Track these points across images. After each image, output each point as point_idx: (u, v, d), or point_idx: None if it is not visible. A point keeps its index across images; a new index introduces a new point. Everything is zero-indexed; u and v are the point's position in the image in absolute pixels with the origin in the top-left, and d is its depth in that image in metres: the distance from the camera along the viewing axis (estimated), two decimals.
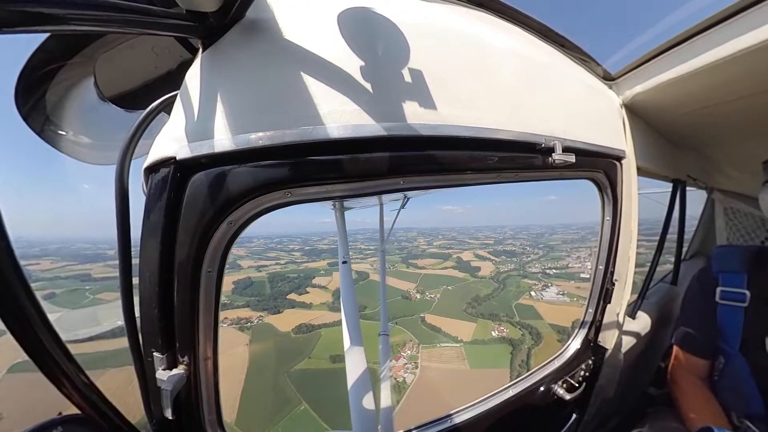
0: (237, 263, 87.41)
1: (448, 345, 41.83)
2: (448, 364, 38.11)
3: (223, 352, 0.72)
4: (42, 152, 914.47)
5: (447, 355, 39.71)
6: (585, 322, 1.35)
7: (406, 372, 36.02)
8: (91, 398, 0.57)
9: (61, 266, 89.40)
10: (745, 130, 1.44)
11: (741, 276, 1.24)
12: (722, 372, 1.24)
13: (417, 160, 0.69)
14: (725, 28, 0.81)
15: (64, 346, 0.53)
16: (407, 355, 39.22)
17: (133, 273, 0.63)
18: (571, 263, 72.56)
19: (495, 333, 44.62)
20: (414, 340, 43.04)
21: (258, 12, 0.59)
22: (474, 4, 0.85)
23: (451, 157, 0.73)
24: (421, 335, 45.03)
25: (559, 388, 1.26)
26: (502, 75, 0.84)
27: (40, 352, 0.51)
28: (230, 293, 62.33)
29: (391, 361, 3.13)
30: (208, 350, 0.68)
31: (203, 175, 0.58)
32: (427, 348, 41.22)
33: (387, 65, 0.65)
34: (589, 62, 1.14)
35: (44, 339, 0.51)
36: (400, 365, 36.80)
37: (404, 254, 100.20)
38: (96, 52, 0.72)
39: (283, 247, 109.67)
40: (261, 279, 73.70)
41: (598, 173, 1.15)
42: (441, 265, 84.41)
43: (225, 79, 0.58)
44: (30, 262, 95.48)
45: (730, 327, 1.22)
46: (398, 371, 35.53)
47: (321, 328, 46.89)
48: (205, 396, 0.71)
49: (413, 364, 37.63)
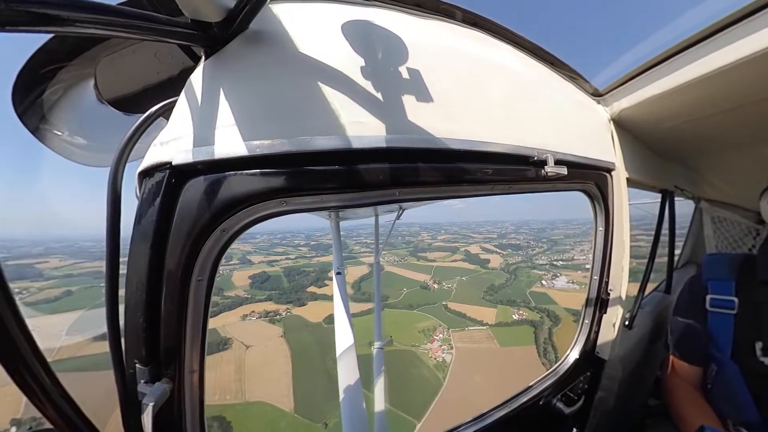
0: (247, 258, 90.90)
1: (475, 328, 47.04)
2: (479, 344, 43.36)
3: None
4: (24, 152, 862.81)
5: (476, 336, 45.04)
6: (582, 333, 1.34)
7: (444, 353, 40.12)
8: (66, 412, 0.54)
9: (70, 264, 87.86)
10: (726, 142, 1.51)
11: (729, 283, 1.27)
12: (715, 379, 1.24)
13: (413, 172, 0.70)
14: (704, 47, 0.87)
15: (41, 355, 0.50)
16: (440, 338, 43.56)
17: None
18: (575, 255, 79.73)
19: (516, 316, 50.00)
20: (443, 324, 47.67)
21: (261, 24, 0.61)
22: (468, 23, 0.89)
23: (446, 170, 0.75)
24: (448, 320, 49.67)
25: (559, 402, 1.23)
26: (496, 90, 0.87)
27: (14, 359, 0.48)
28: (248, 287, 64.64)
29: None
30: (194, 363, 0.65)
31: (198, 181, 0.58)
32: (456, 331, 46.05)
33: (384, 79, 0.67)
34: (577, 79, 1.20)
35: (20, 346, 0.48)
36: (436, 347, 40.88)
37: (411, 248, 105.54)
38: (98, 54, 0.73)
39: (288, 243, 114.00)
40: (276, 273, 75.83)
41: (589, 185, 1.18)
42: (450, 258, 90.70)
43: (226, 88, 0.59)
44: (38, 261, 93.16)
45: (720, 334, 1.23)
46: (436, 353, 39.85)
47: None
48: (189, 412, 0.67)
49: (447, 345, 42.01)
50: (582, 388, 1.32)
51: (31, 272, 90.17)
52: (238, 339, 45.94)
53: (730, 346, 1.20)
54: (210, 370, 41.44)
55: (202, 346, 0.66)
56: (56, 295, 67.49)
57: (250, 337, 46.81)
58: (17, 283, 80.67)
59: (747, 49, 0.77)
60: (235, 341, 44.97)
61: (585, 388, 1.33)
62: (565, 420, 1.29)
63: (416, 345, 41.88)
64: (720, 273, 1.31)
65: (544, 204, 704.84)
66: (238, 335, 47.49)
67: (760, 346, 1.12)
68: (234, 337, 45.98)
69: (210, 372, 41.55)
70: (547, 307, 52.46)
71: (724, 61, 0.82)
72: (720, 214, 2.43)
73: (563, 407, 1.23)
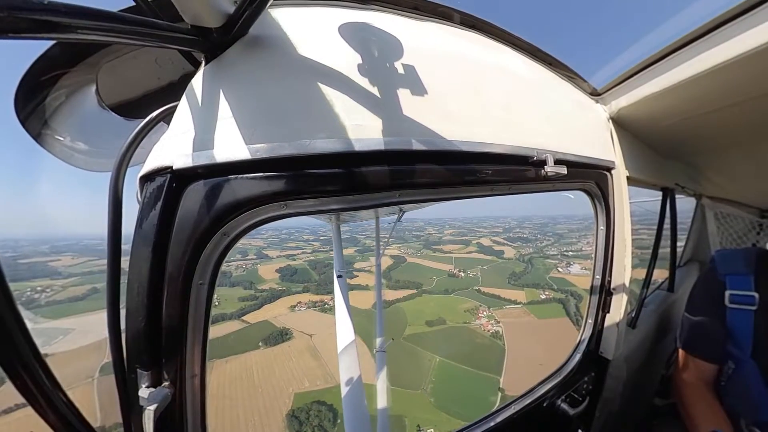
0: (263, 253, 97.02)
1: (511, 306, 56.47)
2: (518, 318, 52.46)
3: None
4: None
5: (514, 313, 54.39)
6: (585, 333, 1.33)
7: (492, 326, 49.22)
8: (67, 418, 0.53)
9: (84, 261, 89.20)
10: (725, 139, 1.51)
11: (748, 278, 1.23)
12: (731, 377, 1.21)
13: (413, 174, 0.70)
14: (701, 44, 0.87)
15: (43, 360, 0.50)
16: (485, 315, 53.14)
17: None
18: (583, 247, 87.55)
19: (543, 296, 60.09)
20: (483, 305, 57.08)
21: (260, 29, 0.62)
22: (467, 26, 0.90)
23: (446, 171, 0.75)
24: (485, 302, 58.49)
25: (563, 403, 1.22)
26: (495, 92, 0.87)
27: (15, 364, 0.47)
28: (279, 280, 70.58)
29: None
30: (196, 367, 0.65)
31: (199, 185, 0.58)
32: (496, 309, 55.41)
33: (384, 81, 0.67)
34: (576, 78, 1.20)
35: (22, 350, 0.47)
36: (485, 322, 50.46)
37: (423, 242, 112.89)
38: (100, 60, 0.74)
39: (298, 238, 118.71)
40: (301, 266, 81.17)
41: (589, 184, 1.18)
42: (465, 250, 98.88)
43: (226, 92, 0.59)
44: (50, 259, 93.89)
45: (740, 331, 1.19)
46: (486, 326, 49.25)
47: (394, 303, 59.41)
48: (190, 416, 0.67)
49: (494, 320, 51.02)
50: (586, 389, 1.31)
51: (46, 270, 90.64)
52: (297, 329, 48.76)
53: (750, 344, 1.16)
54: (285, 360, 44.16)
55: (203, 350, 0.65)
56: (83, 292, 69.00)
57: (307, 326, 49.88)
58: (37, 282, 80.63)
59: (744, 45, 0.77)
60: (294, 331, 48.29)
61: (589, 389, 1.32)
62: (570, 421, 1.28)
63: (467, 322, 51.50)
64: (738, 268, 1.27)
65: (543, 204, 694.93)
66: (294, 325, 50.23)
67: None
68: (292, 328, 48.91)
69: (287, 362, 44.51)
70: (568, 288, 60.12)
71: (722, 58, 0.82)
72: (722, 210, 2.42)
73: (568, 408, 1.22)
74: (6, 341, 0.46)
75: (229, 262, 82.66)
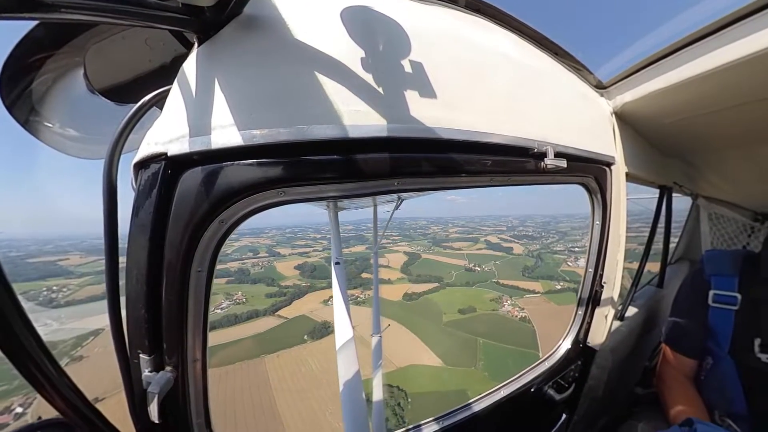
0: (274, 250, 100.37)
1: (530, 296, 61.93)
2: (539, 305, 57.57)
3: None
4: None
5: (534, 301, 59.78)
6: (575, 324, 1.37)
7: (519, 312, 54.59)
8: (73, 402, 0.55)
9: (94, 260, 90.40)
10: (726, 140, 1.50)
11: (732, 279, 1.26)
12: (709, 372, 1.27)
13: (412, 161, 0.69)
14: (711, 41, 0.84)
15: (45, 347, 0.51)
16: (509, 303, 58.02)
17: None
18: (588, 243, 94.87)
19: (558, 287, 64.72)
20: (505, 294, 61.54)
21: (255, 8, 0.59)
22: (471, 9, 0.86)
23: (445, 160, 0.74)
24: (506, 292, 62.93)
25: (550, 389, 1.27)
26: (497, 79, 0.85)
27: (20, 352, 0.49)
28: (300, 277, 74.23)
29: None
30: (197, 351, 0.67)
31: (195, 171, 0.57)
32: (518, 298, 60.34)
33: (384, 66, 0.65)
34: (581, 70, 1.17)
35: (24, 339, 0.48)
36: (511, 308, 56.00)
37: (430, 239, 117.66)
38: (87, 42, 0.70)
39: (304, 236, 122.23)
40: (319, 263, 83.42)
41: (588, 178, 1.18)
42: (475, 247, 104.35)
43: (220, 75, 0.57)
44: (59, 258, 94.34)
45: (720, 329, 1.24)
46: (513, 312, 54.73)
47: (423, 294, 63.65)
48: (193, 399, 0.69)
49: (518, 307, 56.20)
50: (573, 377, 1.36)
51: (58, 270, 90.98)
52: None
53: (728, 342, 1.21)
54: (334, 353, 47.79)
55: (203, 335, 0.67)
56: (101, 292, 70.04)
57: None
58: (52, 281, 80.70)
59: (755, 45, 0.75)
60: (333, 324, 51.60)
61: (575, 377, 1.37)
62: (556, 406, 1.34)
63: (495, 310, 57.19)
64: (724, 269, 1.30)
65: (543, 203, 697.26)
66: (331, 318, 51.91)
67: (758, 343, 1.13)
68: (330, 321, 50.78)
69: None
70: (580, 280, 65.53)
71: (732, 56, 0.80)
72: (717, 211, 2.44)
73: (554, 394, 1.27)
74: (8, 332, 0.47)
75: (243, 261, 74.91)
